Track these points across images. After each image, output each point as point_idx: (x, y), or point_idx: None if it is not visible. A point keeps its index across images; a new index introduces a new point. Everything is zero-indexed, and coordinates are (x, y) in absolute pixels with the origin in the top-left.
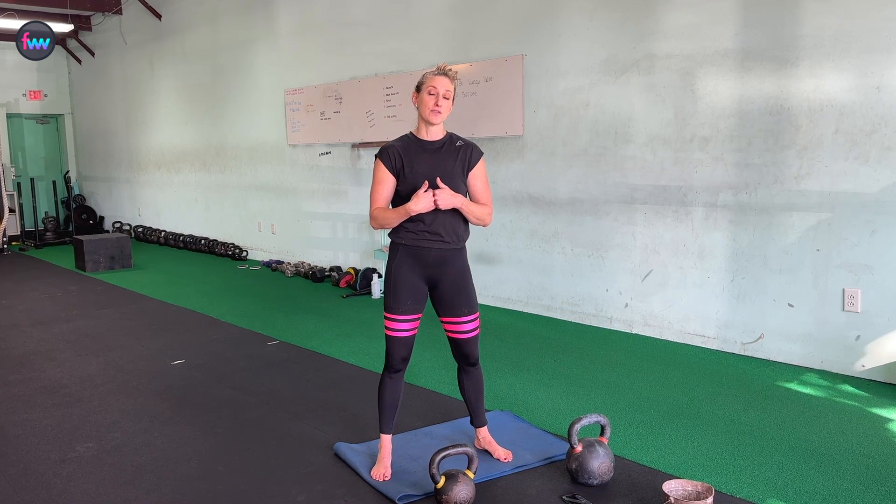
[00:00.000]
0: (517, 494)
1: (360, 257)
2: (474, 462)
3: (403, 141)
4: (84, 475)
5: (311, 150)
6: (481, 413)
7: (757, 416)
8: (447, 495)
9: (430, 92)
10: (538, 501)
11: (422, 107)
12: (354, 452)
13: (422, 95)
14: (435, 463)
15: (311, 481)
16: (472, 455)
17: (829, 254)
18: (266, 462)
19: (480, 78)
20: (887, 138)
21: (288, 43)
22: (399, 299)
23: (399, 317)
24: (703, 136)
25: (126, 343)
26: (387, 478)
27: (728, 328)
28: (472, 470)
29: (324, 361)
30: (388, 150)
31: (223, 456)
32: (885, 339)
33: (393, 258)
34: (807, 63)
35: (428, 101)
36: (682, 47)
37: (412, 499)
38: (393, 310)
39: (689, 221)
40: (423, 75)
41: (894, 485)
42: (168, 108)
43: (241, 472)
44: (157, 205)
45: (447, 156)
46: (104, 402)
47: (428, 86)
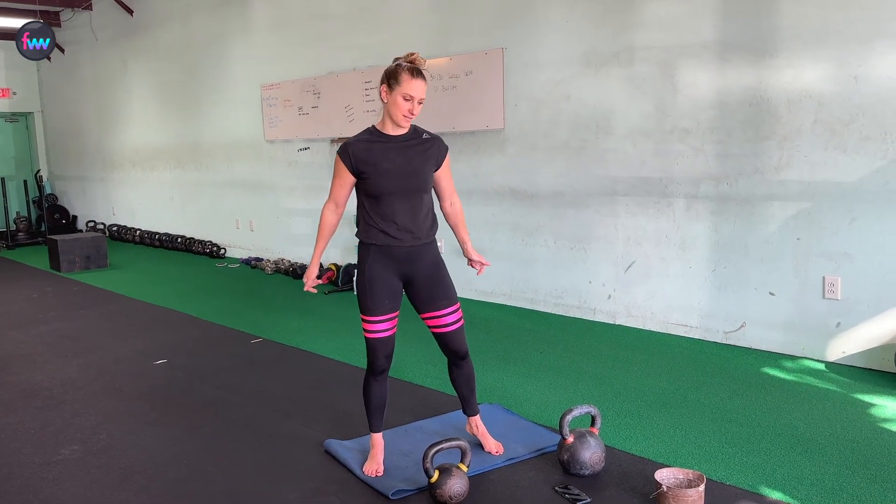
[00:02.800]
0: (511, 486)
1: (342, 253)
2: (467, 455)
3: (367, 137)
4: (71, 478)
5: (289, 146)
6: (474, 403)
7: (742, 404)
8: (441, 489)
9: (405, 97)
10: (531, 493)
11: (393, 108)
12: (346, 449)
13: (394, 97)
14: (429, 457)
15: (304, 479)
16: (466, 448)
17: (810, 242)
18: (257, 461)
19: (460, 72)
20: (865, 128)
21: (263, 38)
22: (376, 300)
23: (378, 318)
24: (683, 127)
25: (106, 344)
26: (379, 473)
27: (710, 317)
28: (466, 463)
29: (310, 358)
30: (348, 149)
31: (213, 456)
32: (865, 325)
33: (365, 259)
34: (785, 54)
35: (402, 106)
36: (662, 39)
37: (405, 493)
38: (371, 311)
39: (671, 213)
40: (395, 67)
41: (880, 468)
42: (142, 105)
43: (232, 472)
44: (132, 203)
45: (416, 151)
46: (87, 405)
47: (403, 91)
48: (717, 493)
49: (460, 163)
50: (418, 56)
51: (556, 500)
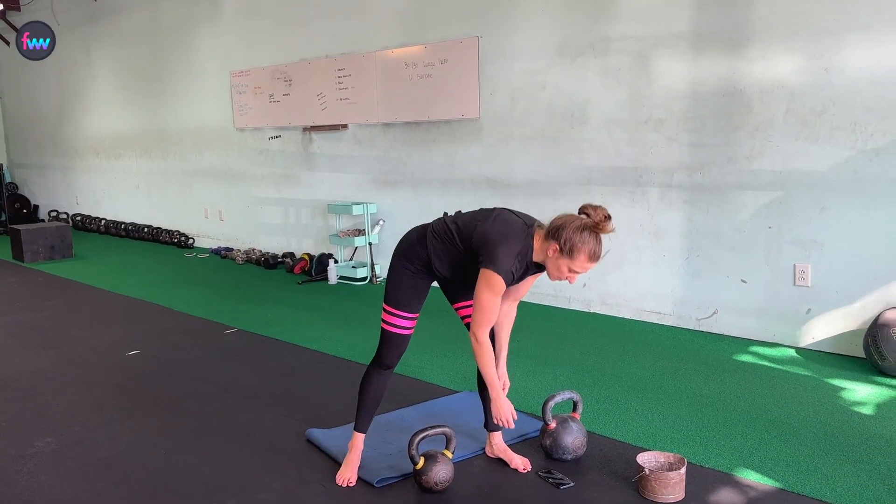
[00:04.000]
0: (495, 472)
1: (314, 243)
2: (452, 442)
3: (523, 256)
4: (46, 470)
5: (259, 134)
6: None
7: (717, 389)
8: (427, 476)
9: (572, 269)
10: (515, 478)
11: (553, 268)
12: (328, 437)
13: (560, 263)
14: (414, 444)
15: (286, 468)
16: (450, 435)
17: (781, 231)
18: (237, 452)
19: (435, 60)
20: (836, 118)
21: (232, 24)
22: (412, 298)
23: (409, 315)
24: (657, 117)
25: (75, 335)
26: (352, 483)
27: (683, 305)
28: (451, 450)
29: (286, 349)
30: (510, 269)
31: (192, 447)
32: (834, 311)
33: (406, 264)
34: (758, 45)
35: (563, 272)
36: (637, 30)
37: (390, 481)
38: (404, 307)
39: (645, 202)
40: (579, 237)
41: (852, 449)
42: (106, 91)
43: (212, 462)
44: (97, 192)
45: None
46: (59, 397)
47: (574, 267)
48: (696, 476)
49: (436, 152)
50: (609, 223)
51: (540, 484)
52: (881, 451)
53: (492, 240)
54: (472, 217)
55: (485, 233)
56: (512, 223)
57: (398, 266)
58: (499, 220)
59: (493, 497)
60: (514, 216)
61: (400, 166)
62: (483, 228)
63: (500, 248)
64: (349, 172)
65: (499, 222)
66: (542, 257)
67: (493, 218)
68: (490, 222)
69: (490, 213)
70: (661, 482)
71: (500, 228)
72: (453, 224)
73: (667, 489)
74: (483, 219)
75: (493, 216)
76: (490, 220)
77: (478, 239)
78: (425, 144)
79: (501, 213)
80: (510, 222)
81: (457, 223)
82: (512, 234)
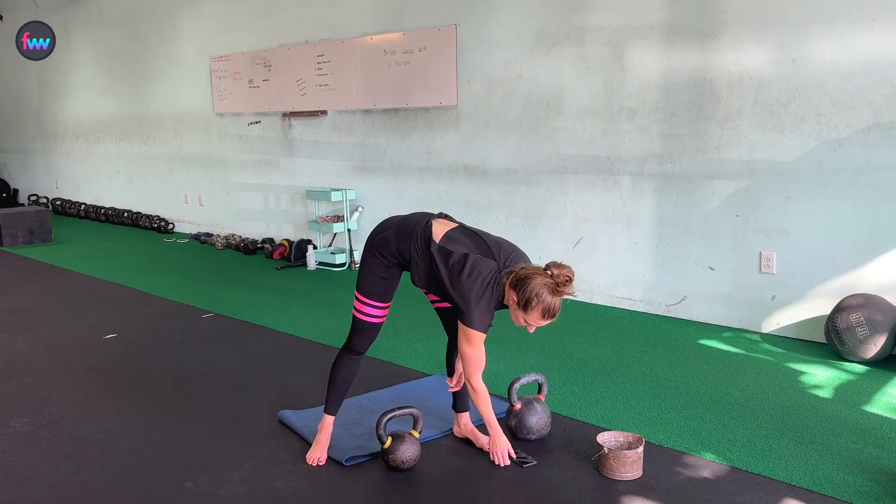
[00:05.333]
0: (461, 452)
1: (294, 229)
2: (419, 423)
3: (497, 302)
4: (21, 449)
5: (239, 120)
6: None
7: (681, 373)
8: (394, 454)
9: (528, 322)
10: (480, 457)
11: (512, 315)
12: (300, 418)
13: (516, 313)
14: (382, 424)
15: (258, 448)
16: (418, 416)
17: (748, 219)
18: (211, 432)
19: (413, 47)
20: (801, 109)
21: (212, 8)
22: (386, 290)
23: (382, 304)
24: (630, 107)
25: (53, 319)
26: (321, 462)
27: (653, 291)
28: (418, 430)
29: (262, 333)
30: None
31: (166, 428)
32: (798, 298)
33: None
34: (728, 37)
35: (519, 321)
36: (611, 20)
37: (359, 460)
38: (374, 296)
39: (618, 190)
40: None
41: (806, 431)
42: (86, 75)
43: (186, 442)
44: (76, 177)
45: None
46: (36, 379)
47: (528, 320)
48: (654, 455)
49: (414, 139)
50: (569, 286)
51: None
52: (834, 432)
53: (469, 298)
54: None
55: (461, 289)
56: (486, 275)
57: (371, 259)
58: (474, 273)
59: (458, 475)
60: (487, 263)
61: (379, 153)
62: (461, 284)
63: (476, 308)
64: (328, 159)
65: (473, 277)
66: (506, 301)
67: (469, 270)
68: (466, 276)
69: (465, 262)
70: (619, 461)
71: (477, 287)
72: (440, 257)
73: (624, 467)
74: (460, 268)
75: (468, 267)
76: (465, 272)
77: (455, 291)
78: (403, 131)
79: (477, 263)
80: (484, 275)
81: (443, 260)
82: (486, 289)
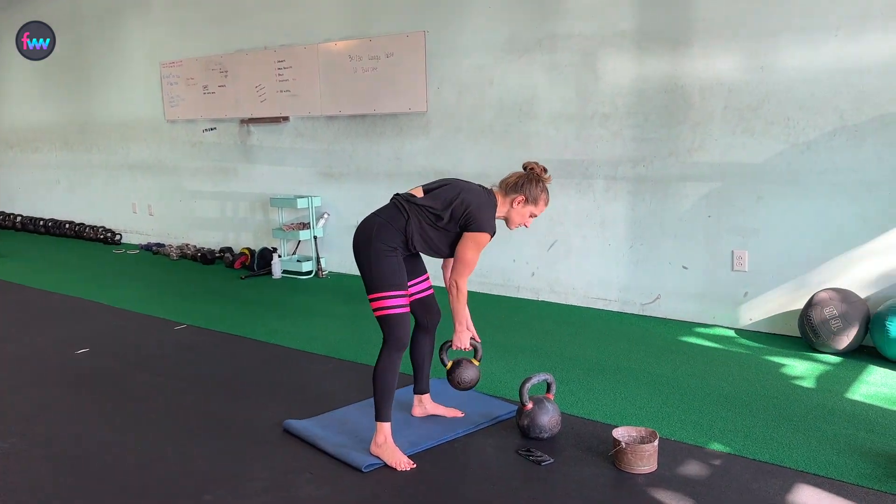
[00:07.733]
0: (476, 452)
1: (254, 237)
2: (479, 352)
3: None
4: (18, 470)
5: (193, 126)
6: (428, 377)
7: (669, 369)
8: (454, 374)
9: (534, 214)
10: (496, 457)
11: (518, 216)
12: (310, 425)
13: (524, 211)
14: (444, 349)
15: (270, 458)
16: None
17: (720, 219)
18: (217, 444)
19: (381, 53)
20: (770, 113)
21: (162, 13)
22: (401, 274)
23: (402, 292)
24: (603, 112)
25: (15, 335)
26: (412, 464)
27: (628, 291)
28: (477, 358)
29: (242, 343)
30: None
31: (170, 442)
32: (770, 294)
33: (384, 247)
34: (699, 44)
35: (525, 219)
36: (583, 28)
37: (378, 466)
38: (398, 286)
39: (591, 193)
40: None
41: (801, 420)
42: (20, 81)
43: (194, 455)
44: (11, 187)
45: None
46: (16, 397)
47: (537, 211)
48: (667, 448)
49: (382, 145)
50: (547, 174)
51: (521, 462)
52: (825, 419)
53: (476, 210)
54: (444, 194)
55: (469, 206)
56: (478, 191)
57: (375, 250)
58: (470, 191)
59: (479, 475)
60: (471, 184)
61: (345, 159)
62: (467, 203)
63: (484, 214)
64: (291, 165)
65: (472, 193)
66: (504, 210)
67: (465, 190)
68: (466, 194)
69: (456, 188)
70: (636, 454)
71: (477, 200)
72: (433, 204)
73: (642, 461)
74: (456, 194)
75: (460, 189)
76: (465, 192)
77: (464, 212)
78: (371, 137)
79: (464, 185)
80: (477, 191)
81: (438, 203)
82: (486, 199)
